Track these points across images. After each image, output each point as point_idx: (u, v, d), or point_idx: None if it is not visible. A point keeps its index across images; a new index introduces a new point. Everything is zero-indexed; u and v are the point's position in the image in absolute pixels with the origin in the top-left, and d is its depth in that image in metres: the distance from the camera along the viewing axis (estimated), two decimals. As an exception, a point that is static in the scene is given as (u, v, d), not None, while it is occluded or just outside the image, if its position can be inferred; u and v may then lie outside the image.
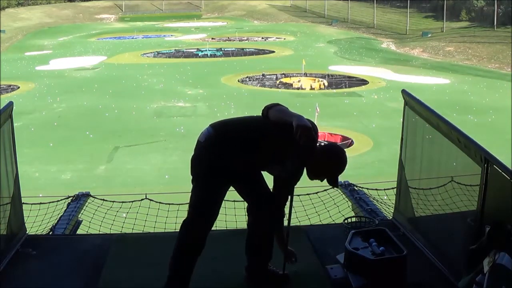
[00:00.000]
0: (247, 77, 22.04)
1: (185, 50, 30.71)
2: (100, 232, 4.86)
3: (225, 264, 3.88)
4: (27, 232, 4.39)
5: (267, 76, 22.24)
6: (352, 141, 13.06)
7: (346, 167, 3.27)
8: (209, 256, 3.95)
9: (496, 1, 31.20)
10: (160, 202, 5.29)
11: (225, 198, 3.42)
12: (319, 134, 3.35)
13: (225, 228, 4.51)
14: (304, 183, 3.40)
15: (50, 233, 4.77)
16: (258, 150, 3.19)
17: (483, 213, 3.24)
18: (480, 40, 29.09)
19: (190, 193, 3.29)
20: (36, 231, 4.75)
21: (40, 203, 5.24)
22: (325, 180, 3.31)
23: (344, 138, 13.31)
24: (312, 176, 3.29)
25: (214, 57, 28.48)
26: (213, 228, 4.44)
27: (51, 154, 12.37)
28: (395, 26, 37.18)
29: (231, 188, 3.38)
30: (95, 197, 5.47)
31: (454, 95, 18.25)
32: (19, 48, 31.91)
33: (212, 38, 35.45)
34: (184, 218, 3.34)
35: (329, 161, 3.23)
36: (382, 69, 23.61)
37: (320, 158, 3.21)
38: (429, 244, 3.94)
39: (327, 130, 13.65)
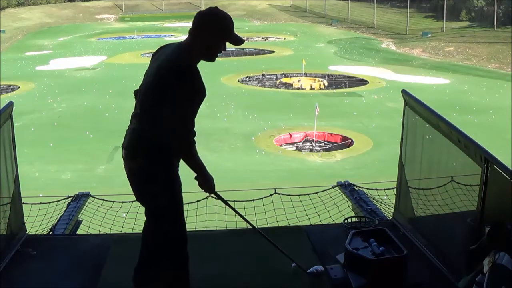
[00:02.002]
0: (247, 77, 22.02)
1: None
2: (100, 232, 4.86)
3: (225, 264, 3.88)
4: (27, 232, 4.39)
5: (267, 76, 22.22)
6: (352, 141, 13.06)
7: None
8: (209, 256, 3.96)
9: (496, 1, 31.18)
10: (160, 202, 5.28)
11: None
12: (318, 134, 3.35)
13: (225, 228, 4.52)
14: (305, 183, 3.40)
15: (50, 233, 4.78)
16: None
17: (483, 213, 3.25)
18: (480, 40, 29.06)
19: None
20: (36, 231, 4.75)
21: (40, 203, 5.24)
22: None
23: (344, 138, 13.31)
24: (212, 56, 3.04)
25: (214, 57, 28.46)
26: (212, 228, 4.44)
27: (51, 154, 12.36)
28: (395, 26, 37.15)
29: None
30: (95, 197, 5.48)
31: (454, 95, 18.23)
32: (19, 48, 31.86)
33: (212, 38, 35.42)
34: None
35: (211, 29, 2.93)
36: (382, 69, 23.59)
37: (201, 39, 2.94)
38: (429, 244, 3.94)
39: (327, 130, 13.65)
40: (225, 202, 3.41)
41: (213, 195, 3.29)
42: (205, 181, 3.11)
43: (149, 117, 2.98)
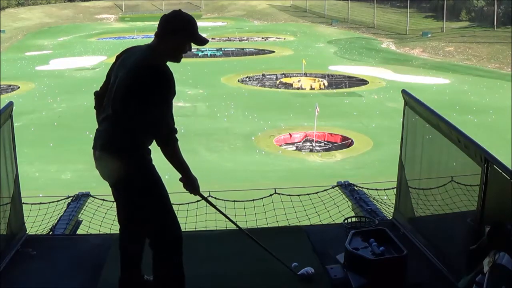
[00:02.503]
0: (247, 77, 22.03)
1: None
2: (100, 232, 4.86)
3: (225, 264, 3.88)
4: (27, 232, 4.39)
5: (267, 76, 22.22)
6: (352, 141, 13.06)
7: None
8: (209, 256, 3.96)
9: (496, 1, 31.18)
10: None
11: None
12: (318, 134, 3.34)
13: (225, 228, 4.51)
14: (305, 183, 3.40)
15: (50, 233, 4.78)
16: None
17: (483, 213, 3.25)
18: (480, 40, 29.06)
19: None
20: (36, 231, 4.75)
21: (40, 203, 5.24)
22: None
23: (344, 138, 13.31)
24: (178, 57, 3.08)
25: (214, 57, 28.47)
26: (212, 228, 4.44)
27: (51, 154, 12.36)
28: (395, 26, 37.14)
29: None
30: (95, 197, 5.47)
31: (454, 95, 18.23)
32: (19, 48, 31.86)
33: (212, 38, 35.39)
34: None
35: (176, 32, 3.01)
36: (382, 69, 23.59)
37: (167, 41, 3.01)
38: (429, 244, 3.94)
39: (327, 130, 13.65)
40: (211, 203, 3.46)
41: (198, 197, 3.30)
42: (190, 182, 3.14)
43: (124, 118, 3.00)
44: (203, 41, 3.08)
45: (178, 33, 3.02)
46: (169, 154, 3.04)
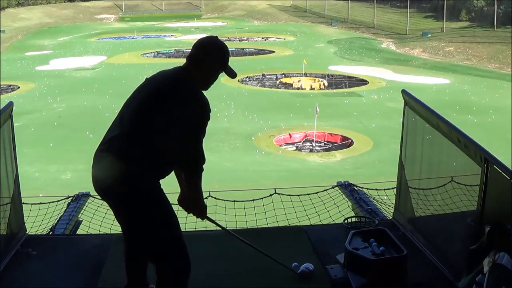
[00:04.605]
0: (247, 77, 22.02)
1: (185, 50, 30.65)
2: (100, 232, 4.86)
3: (225, 264, 3.88)
4: (27, 232, 4.39)
5: (267, 76, 22.22)
6: (352, 141, 13.06)
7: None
8: (209, 256, 3.96)
9: (496, 1, 31.18)
10: (160, 202, 5.28)
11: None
12: (318, 134, 3.34)
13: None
14: (305, 183, 3.39)
15: (50, 233, 4.78)
16: None
17: (483, 213, 3.25)
18: (480, 40, 29.05)
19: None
20: (36, 231, 4.75)
21: (40, 203, 5.24)
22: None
23: (344, 138, 13.31)
24: (207, 85, 3.00)
25: (214, 57, 28.42)
26: (212, 228, 4.45)
27: (51, 154, 12.36)
28: (395, 26, 37.15)
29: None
30: (95, 197, 5.46)
31: (454, 95, 18.23)
32: (19, 48, 31.86)
33: (212, 38, 35.37)
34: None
35: (211, 65, 2.96)
36: (382, 69, 23.59)
37: (199, 67, 2.93)
38: (429, 244, 3.94)
39: (327, 130, 13.65)
40: (219, 225, 3.49)
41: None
42: (201, 209, 3.13)
43: (146, 139, 2.88)
44: (233, 74, 3.02)
45: (212, 61, 2.95)
46: (190, 183, 2.97)
